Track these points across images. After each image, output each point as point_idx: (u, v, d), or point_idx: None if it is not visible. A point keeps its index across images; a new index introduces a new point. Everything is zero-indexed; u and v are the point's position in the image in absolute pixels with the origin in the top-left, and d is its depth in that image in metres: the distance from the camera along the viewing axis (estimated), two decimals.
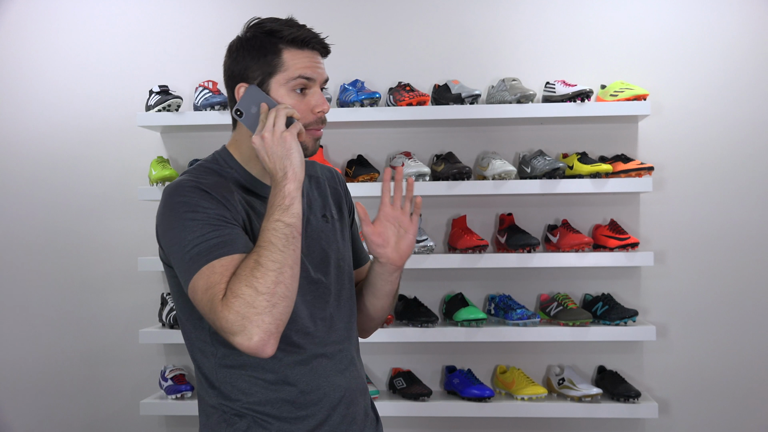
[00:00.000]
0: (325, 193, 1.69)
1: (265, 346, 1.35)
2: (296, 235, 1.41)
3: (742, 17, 3.09)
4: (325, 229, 1.63)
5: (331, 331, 1.58)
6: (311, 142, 1.56)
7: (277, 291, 1.36)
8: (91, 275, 3.25)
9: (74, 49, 3.25)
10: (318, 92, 1.55)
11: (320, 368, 1.55)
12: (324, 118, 1.58)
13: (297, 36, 1.54)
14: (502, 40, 3.16)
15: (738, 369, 3.08)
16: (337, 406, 1.56)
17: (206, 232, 1.42)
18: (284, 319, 1.38)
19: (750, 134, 3.09)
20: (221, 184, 1.51)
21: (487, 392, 2.94)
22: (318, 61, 1.56)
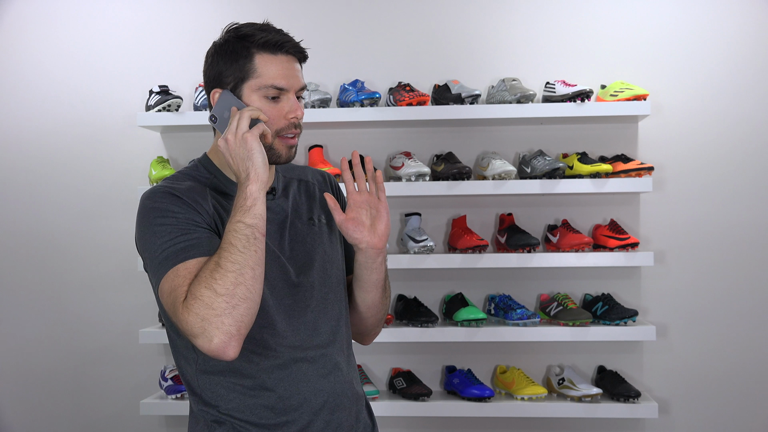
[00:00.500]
0: (314, 197, 1.68)
1: (226, 347, 1.34)
2: (258, 236, 1.40)
3: (742, 17, 3.09)
4: (311, 233, 1.62)
5: (313, 335, 1.55)
6: (284, 149, 1.55)
7: (237, 292, 1.34)
8: (91, 275, 3.25)
9: (74, 49, 3.25)
10: (291, 98, 1.54)
11: (300, 373, 1.52)
12: (298, 123, 1.55)
13: (269, 40, 1.53)
14: (502, 40, 3.16)
15: (738, 369, 3.08)
16: (319, 412, 1.53)
17: (174, 237, 1.43)
18: (246, 321, 1.36)
19: (750, 134, 3.09)
20: (195, 189, 1.51)
21: (487, 392, 2.94)
22: (292, 68, 1.55)
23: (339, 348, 1.60)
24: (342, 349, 1.61)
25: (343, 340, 1.62)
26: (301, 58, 1.58)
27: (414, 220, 3.06)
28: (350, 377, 1.61)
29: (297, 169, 1.72)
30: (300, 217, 1.62)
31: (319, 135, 3.17)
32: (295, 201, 1.64)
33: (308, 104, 2.99)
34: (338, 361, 1.58)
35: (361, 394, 1.64)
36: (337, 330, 1.60)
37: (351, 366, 1.64)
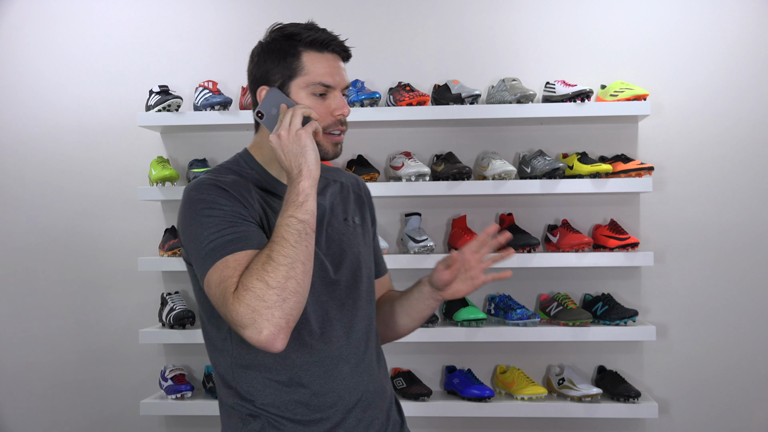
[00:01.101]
0: (348, 199, 1.71)
1: (275, 340, 1.36)
2: (309, 232, 1.42)
3: (742, 17, 3.09)
4: (347, 233, 1.64)
5: (348, 333, 1.58)
6: (330, 146, 1.58)
7: (288, 286, 1.36)
8: (91, 275, 3.25)
9: (74, 49, 3.25)
10: (338, 96, 1.57)
11: (335, 371, 1.54)
12: (344, 120, 1.59)
13: (316, 38, 1.56)
14: (502, 40, 3.16)
15: (738, 369, 3.08)
16: (352, 410, 1.55)
17: (222, 229, 1.44)
18: (295, 315, 1.38)
19: (750, 134, 3.09)
20: (239, 183, 1.53)
21: (487, 392, 2.94)
22: (338, 66, 1.58)
23: (372, 347, 1.62)
24: (374, 348, 1.64)
25: (374, 339, 1.65)
26: (345, 57, 1.61)
27: (414, 220, 3.06)
28: (381, 376, 1.63)
29: (332, 171, 1.75)
30: (336, 216, 1.65)
31: None
32: (332, 200, 1.67)
33: None
34: (371, 360, 1.61)
35: (390, 392, 1.67)
36: (370, 329, 1.63)
37: (381, 365, 1.66)
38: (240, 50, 3.21)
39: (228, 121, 3.00)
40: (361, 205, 1.73)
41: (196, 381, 3.20)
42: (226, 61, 3.21)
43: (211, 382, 3.07)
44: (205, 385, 3.10)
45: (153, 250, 3.21)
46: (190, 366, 3.22)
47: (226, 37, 3.23)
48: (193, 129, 3.16)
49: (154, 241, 3.21)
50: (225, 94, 3.07)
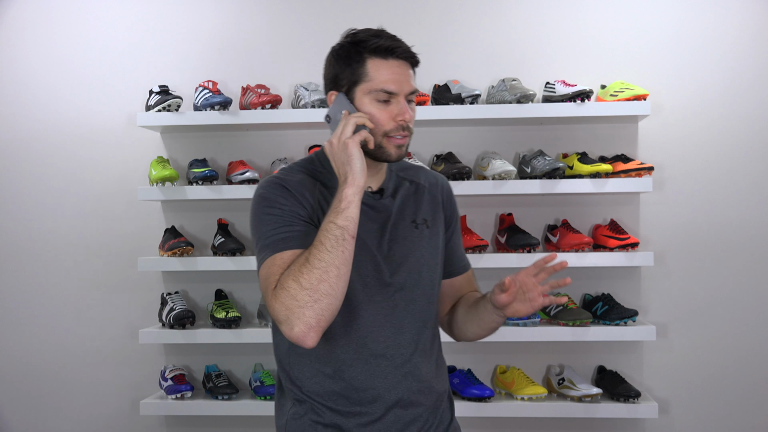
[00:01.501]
0: (421, 200, 1.74)
1: (305, 337, 1.45)
2: (347, 238, 1.48)
3: (742, 17, 3.09)
4: (411, 235, 1.68)
5: (396, 334, 1.63)
6: (393, 149, 1.61)
7: (320, 288, 1.44)
8: (91, 275, 3.25)
9: (74, 49, 3.26)
10: (401, 102, 1.60)
11: (378, 369, 1.61)
12: (406, 125, 1.61)
13: (380, 45, 1.59)
14: (502, 40, 3.16)
15: (738, 369, 3.08)
16: (392, 408, 1.62)
17: (277, 227, 1.55)
18: (327, 315, 1.46)
19: (750, 134, 3.09)
20: (304, 183, 1.62)
21: (487, 392, 2.94)
22: (402, 72, 1.60)
23: (421, 349, 1.67)
24: (424, 350, 1.68)
25: (427, 341, 1.69)
26: (413, 63, 1.64)
27: None
28: (429, 377, 1.67)
29: (411, 170, 1.78)
30: (404, 218, 1.69)
31: (319, 135, 3.17)
32: (403, 202, 1.70)
33: (308, 104, 2.99)
34: (417, 362, 1.65)
35: (441, 391, 1.71)
36: (422, 332, 1.67)
37: (431, 366, 1.69)
38: (240, 50, 3.23)
39: (228, 121, 3.00)
40: (434, 206, 1.75)
41: (196, 381, 3.20)
42: (226, 61, 3.21)
43: (210, 382, 3.07)
44: (205, 385, 3.10)
45: (153, 250, 3.21)
46: (190, 366, 3.22)
47: (226, 37, 3.23)
48: (193, 129, 3.16)
49: (154, 241, 3.21)
50: (225, 94, 3.07)
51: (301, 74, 3.16)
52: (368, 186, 1.67)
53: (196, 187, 3.02)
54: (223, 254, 3.04)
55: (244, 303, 3.22)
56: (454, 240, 1.80)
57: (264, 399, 3.00)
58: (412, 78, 1.63)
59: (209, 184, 3.03)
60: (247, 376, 3.18)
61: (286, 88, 3.17)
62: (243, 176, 3.00)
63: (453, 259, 1.79)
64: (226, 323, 3.00)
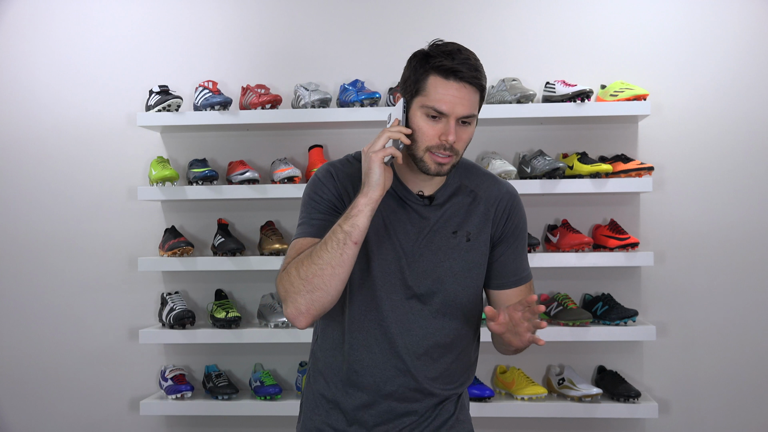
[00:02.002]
0: (473, 212, 1.76)
1: (295, 319, 1.62)
2: (348, 243, 1.58)
3: (742, 17, 3.09)
4: (447, 246, 1.73)
5: (406, 334, 1.71)
6: (432, 164, 1.65)
7: (314, 281, 1.58)
8: (92, 275, 3.25)
9: (74, 49, 3.25)
10: (450, 123, 1.62)
11: (380, 360, 1.72)
12: (449, 146, 1.63)
13: (444, 65, 1.62)
14: (502, 40, 3.16)
15: (738, 369, 3.08)
16: (387, 398, 1.73)
17: (311, 213, 1.71)
18: (317, 305, 1.60)
19: (750, 134, 3.08)
20: (354, 176, 1.73)
21: (487, 392, 2.94)
22: (460, 95, 1.62)
23: (428, 354, 1.73)
24: (432, 356, 1.73)
25: (438, 348, 1.74)
26: (477, 87, 1.64)
27: None
28: (428, 381, 1.73)
29: (479, 179, 1.79)
30: (445, 228, 1.73)
31: (319, 135, 3.17)
32: (450, 212, 1.74)
33: (308, 104, 2.99)
34: (419, 366, 1.72)
35: (444, 396, 1.76)
36: (433, 338, 1.73)
37: (435, 372, 1.74)
38: (240, 50, 3.23)
39: (228, 121, 3.00)
40: (484, 220, 1.76)
41: (196, 381, 3.20)
42: (226, 61, 3.21)
43: (210, 382, 3.07)
44: (205, 385, 3.10)
45: (153, 250, 3.21)
46: (190, 366, 3.22)
47: (226, 37, 3.23)
48: (193, 129, 3.16)
49: (154, 241, 3.21)
50: (225, 94, 3.07)
51: (301, 74, 3.16)
52: (420, 191, 1.73)
53: (196, 187, 3.02)
54: (223, 254, 3.04)
55: (244, 303, 3.22)
56: (508, 254, 1.79)
57: (264, 399, 3.00)
58: (471, 102, 1.64)
59: (209, 184, 3.03)
60: (247, 376, 3.18)
61: (286, 88, 3.17)
62: (243, 176, 3.00)
63: (504, 272, 1.79)
64: (226, 323, 3.00)
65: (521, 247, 1.81)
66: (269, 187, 2.98)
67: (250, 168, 3.04)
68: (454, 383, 1.79)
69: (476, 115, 1.67)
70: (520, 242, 1.81)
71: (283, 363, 3.19)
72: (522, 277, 1.82)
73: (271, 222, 3.13)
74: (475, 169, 1.81)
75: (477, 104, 1.66)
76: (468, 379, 1.84)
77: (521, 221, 1.81)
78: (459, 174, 1.77)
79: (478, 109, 1.66)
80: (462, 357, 1.79)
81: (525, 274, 1.82)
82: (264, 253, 3.03)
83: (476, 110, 1.66)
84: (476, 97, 1.65)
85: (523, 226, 1.82)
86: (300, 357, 3.16)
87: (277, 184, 2.98)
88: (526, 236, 1.83)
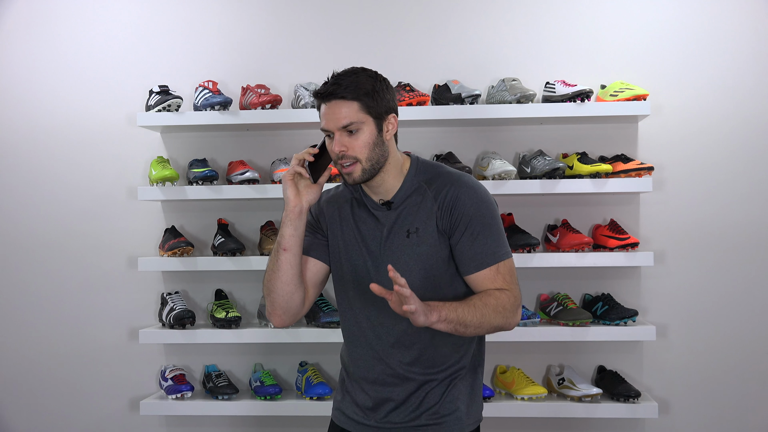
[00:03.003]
0: (420, 210, 1.90)
1: (269, 318, 1.97)
2: (279, 250, 1.89)
3: (742, 17, 3.09)
4: (402, 244, 1.90)
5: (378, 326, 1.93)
6: (344, 174, 1.88)
7: (267, 285, 1.93)
8: (92, 275, 3.25)
9: (74, 49, 3.25)
10: (335, 137, 1.85)
11: (362, 350, 1.96)
12: (342, 155, 1.85)
13: (315, 95, 1.88)
14: (502, 40, 3.16)
15: (738, 369, 3.08)
16: (372, 384, 1.95)
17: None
18: (276, 306, 1.92)
19: (750, 134, 3.09)
20: (334, 198, 2.01)
21: (487, 392, 2.94)
22: (331, 111, 1.84)
23: (400, 342, 1.92)
24: (403, 343, 1.92)
25: (408, 335, 1.91)
26: (346, 97, 1.83)
27: None
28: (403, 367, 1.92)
29: (435, 178, 1.93)
30: (401, 228, 1.91)
31: (319, 135, 3.16)
32: (404, 212, 1.92)
33: (308, 104, 2.99)
34: (393, 353, 1.93)
35: (423, 380, 1.92)
36: (401, 327, 1.91)
37: (409, 357, 1.92)
38: (240, 50, 3.23)
39: (228, 121, 3.00)
40: (430, 212, 1.89)
41: (196, 381, 3.20)
42: (226, 61, 3.21)
43: (210, 382, 3.07)
44: (205, 385, 3.10)
45: (153, 250, 3.21)
46: (190, 366, 3.22)
47: (226, 37, 3.23)
48: (193, 129, 3.16)
49: (154, 241, 3.21)
50: (225, 94, 3.07)
51: (301, 74, 3.16)
52: (381, 198, 1.93)
53: (196, 187, 3.02)
54: (223, 254, 3.04)
55: (244, 303, 3.22)
56: (463, 242, 1.88)
57: (264, 399, 3.00)
58: (345, 112, 1.82)
59: (209, 184, 3.03)
60: (247, 376, 3.18)
61: (286, 88, 3.17)
62: (243, 176, 3.00)
63: (463, 259, 1.89)
64: (226, 323, 3.00)
65: (477, 233, 1.87)
66: (269, 187, 2.98)
67: (250, 168, 3.04)
68: (437, 366, 1.93)
69: (359, 121, 1.83)
70: (474, 229, 1.87)
71: (283, 363, 3.19)
72: (482, 262, 1.87)
73: (271, 222, 3.13)
74: (438, 170, 1.95)
75: (354, 112, 1.83)
76: (460, 359, 1.95)
77: (471, 209, 1.87)
78: (420, 176, 1.93)
79: (363, 115, 1.83)
80: (438, 341, 1.92)
81: (486, 258, 1.88)
82: (264, 253, 3.03)
83: (355, 117, 1.82)
84: (351, 106, 1.82)
85: (475, 213, 1.87)
86: (300, 357, 3.17)
87: (277, 184, 2.98)
88: (485, 223, 1.88)
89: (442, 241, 1.89)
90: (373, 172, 1.87)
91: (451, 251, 1.90)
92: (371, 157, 1.85)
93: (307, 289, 1.97)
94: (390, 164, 1.90)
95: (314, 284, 1.99)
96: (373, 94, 1.84)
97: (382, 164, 1.88)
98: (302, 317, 3.13)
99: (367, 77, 1.86)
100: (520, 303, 1.90)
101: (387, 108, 1.88)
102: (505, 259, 1.90)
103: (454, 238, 1.89)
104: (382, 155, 1.87)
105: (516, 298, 1.88)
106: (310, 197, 1.90)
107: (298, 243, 1.90)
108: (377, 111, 1.85)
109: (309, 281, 1.98)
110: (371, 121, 1.84)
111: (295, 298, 1.92)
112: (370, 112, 1.84)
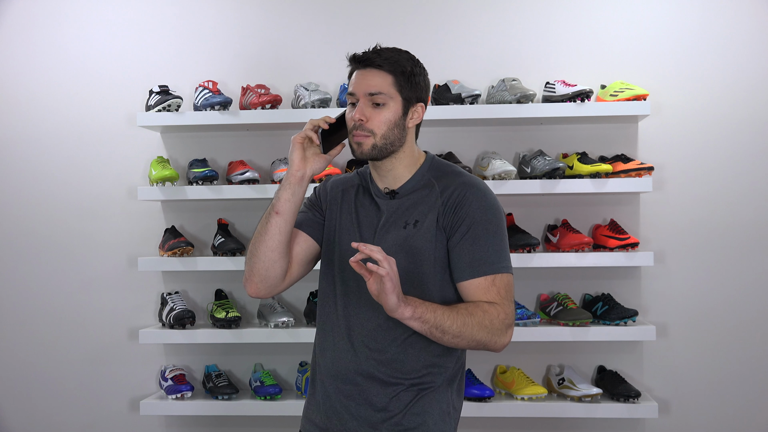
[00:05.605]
0: (424, 201, 1.82)
1: (244, 286, 1.86)
2: (272, 212, 1.79)
3: (742, 17, 3.09)
4: (395, 236, 1.80)
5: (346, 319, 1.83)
6: (354, 144, 1.81)
7: (251, 249, 1.82)
8: (91, 275, 3.25)
9: (74, 49, 3.26)
10: (359, 103, 1.79)
11: (332, 340, 1.84)
12: (360, 125, 1.78)
13: (352, 59, 1.84)
14: (502, 40, 3.16)
15: (738, 369, 3.08)
16: (334, 378, 1.82)
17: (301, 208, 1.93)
18: (255, 272, 1.81)
19: (750, 134, 3.09)
20: (342, 181, 1.95)
21: (487, 392, 2.94)
22: (363, 76, 1.80)
23: (371, 336, 1.80)
24: (375, 338, 1.80)
25: (383, 330, 1.79)
26: (383, 67, 1.79)
27: None
28: (369, 365, 1.79)
29: (445, 175, 1.86)
30: (397, 220, 1.82)
31: None
32: (407, 204, 1.83)
33: (308, 104, 2.99)
34: (360, 349, 1.80)
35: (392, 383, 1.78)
36: (375, 324, 1.80)
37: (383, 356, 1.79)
38: (240, 50, 3.23)
39: (228, 121, 3.00)
40: (432, 207, 1.81)
41: (196, 381, 3.20)
42: (226, 61, 3.21)
43: (210, 382, 3.07)
44: (205, 385, 3.10)
45: (153, 250, 3.21)
46: (190, 366, 3.22)
47: (226, 37, 3.23)
48: (193, 129, 3.16)
49: (154, 241, 3.21)
50: (225, 94, 3.07)
51: (301, 74, 3.16)
52: (386, 187, 1.86)
53: (196, 187, 3.02)
54: (223, 254, 3.04)
55: (244, 303, 3.22)
56: (462, 244, 1.76)
57: (264, 399, 3.00)
58: (377, 81, 1.78)
59: (209, 184, 3.03)
60: (247, 376, 3.18)
61: (286, 88, 3.17)
62: (243, 176, 3.00)
63: (458, 264, 1.77)
64: (226, 323, 3.00)
65: (478, 238, 1.76)
66: (269, 187, 2.98)
67: (250, 168, 3.04)
68: (407, 373, 1.78)
69: (387, 95, 1.77)
70: (477, 233, 1.76)
71: (283, 363, 3.19)
72: (478, 269, 1.75)
73: None
74: (449, 168, 1.88)
75: (386, 85, 1.78)
76: (434, 371, 1.80)
77: (477, 211, 1.77)
78: (431, 172, 1.86)
79: (393, 91, 1.78)
80: (413, 345, 1.78)
81: (484, 266, 1.75)
82: None
83: (385, 89, 1.77)
84: (385, 78, 1.78)
85: (481, 217, 1.77)
86: (300, 357, 3.16)
87: (277, 184, 2.98)
88: (489, 229, 1.77)
89: (440, 239, 1.78)
90: (384, 152, 1.79)
91: (448, 255, 1.78)
92: (387, 136, 1.78)
93: (292, 263, 1.86)
94: (404, 152, 1.84)
95: (299, 261, 1.87)
96: (410, 75, 1.79)
97: (396, 148, 1.81)
98: (302, 317, 3.14)
99: (408, 58, 1.82)
100: (511, 323, 1.74)
101: (418, 96, 1.82)
102: (504, 272, 1.76)
103: (454, 239, 1.77)
104: (398, 139, 1.80)
105: (508, 316, 1.73)
106: (316, 166, 1.80)
107: (292, 210, 1.78)
108: (408, 93, 1.80)
109: (295, 256, 1.86)
110: (399, 101, 1.79)
111: (276, 267, 1.80)
112: (401, 91, 1.78)
